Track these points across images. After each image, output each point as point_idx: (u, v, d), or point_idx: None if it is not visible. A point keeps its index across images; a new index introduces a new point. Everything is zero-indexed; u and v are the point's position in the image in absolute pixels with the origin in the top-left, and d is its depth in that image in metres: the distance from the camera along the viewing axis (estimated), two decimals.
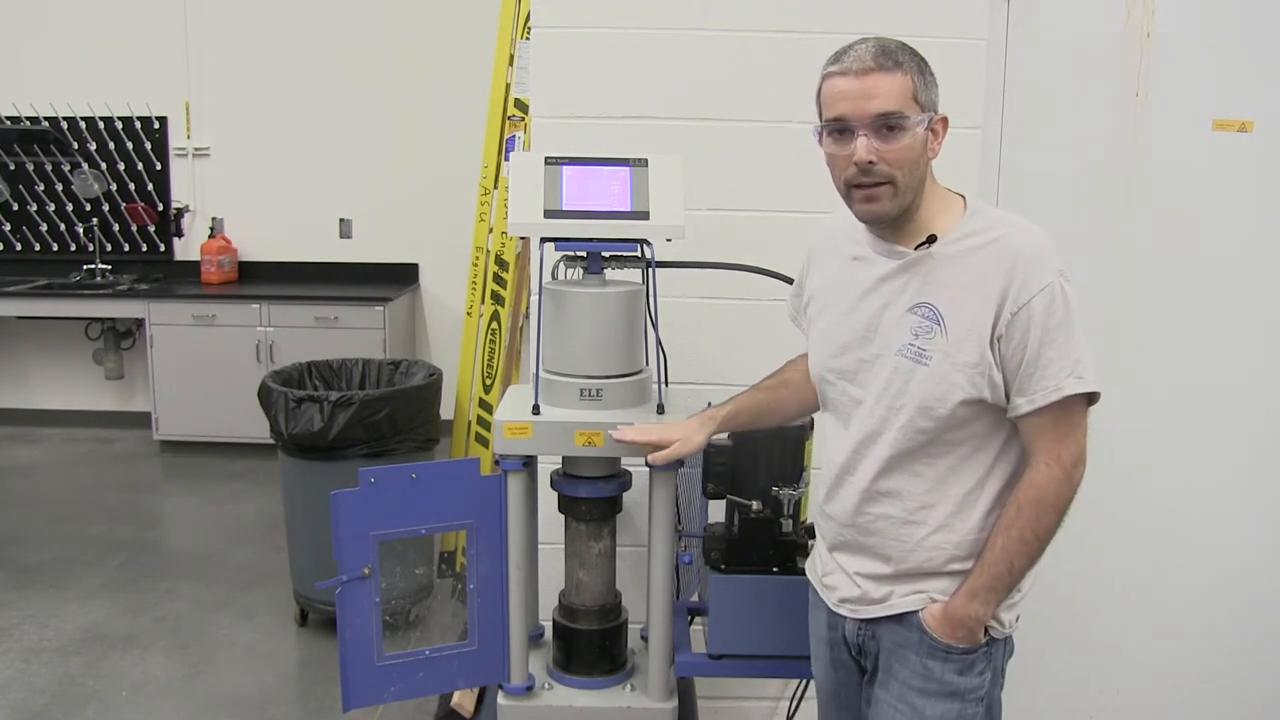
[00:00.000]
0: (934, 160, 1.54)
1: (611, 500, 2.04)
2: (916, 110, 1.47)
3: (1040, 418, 1.48)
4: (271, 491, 4.53)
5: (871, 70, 1.46)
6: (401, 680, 1.99)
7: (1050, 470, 1.48)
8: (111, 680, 3.22)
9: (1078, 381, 1.45)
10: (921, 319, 1.51)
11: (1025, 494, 1.50)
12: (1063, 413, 1.47)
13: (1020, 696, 2.51)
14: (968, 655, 1.55)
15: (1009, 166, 2.43)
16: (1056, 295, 1.45)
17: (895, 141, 1.46)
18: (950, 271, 1.51)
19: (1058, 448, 1.48)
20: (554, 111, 2.34)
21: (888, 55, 1.47)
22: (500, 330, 3.68)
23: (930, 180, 1.55)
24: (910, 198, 1.51)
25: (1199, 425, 2.53)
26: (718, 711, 2.56)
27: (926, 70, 1.51)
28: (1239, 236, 2.46)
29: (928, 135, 1.50)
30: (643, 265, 1.94)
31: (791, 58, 2.29)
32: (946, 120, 1.53)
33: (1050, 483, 1.48)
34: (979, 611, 1.52)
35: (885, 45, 1.49)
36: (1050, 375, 1.46)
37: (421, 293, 5.91)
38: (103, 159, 5.75)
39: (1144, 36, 2.39)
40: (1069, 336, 1.46)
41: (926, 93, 1.49)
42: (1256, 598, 2.60)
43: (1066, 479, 1.49)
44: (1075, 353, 1.46)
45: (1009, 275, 1.46)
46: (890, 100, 1.45)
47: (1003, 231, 1.50)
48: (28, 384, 6.07)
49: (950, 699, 1.56)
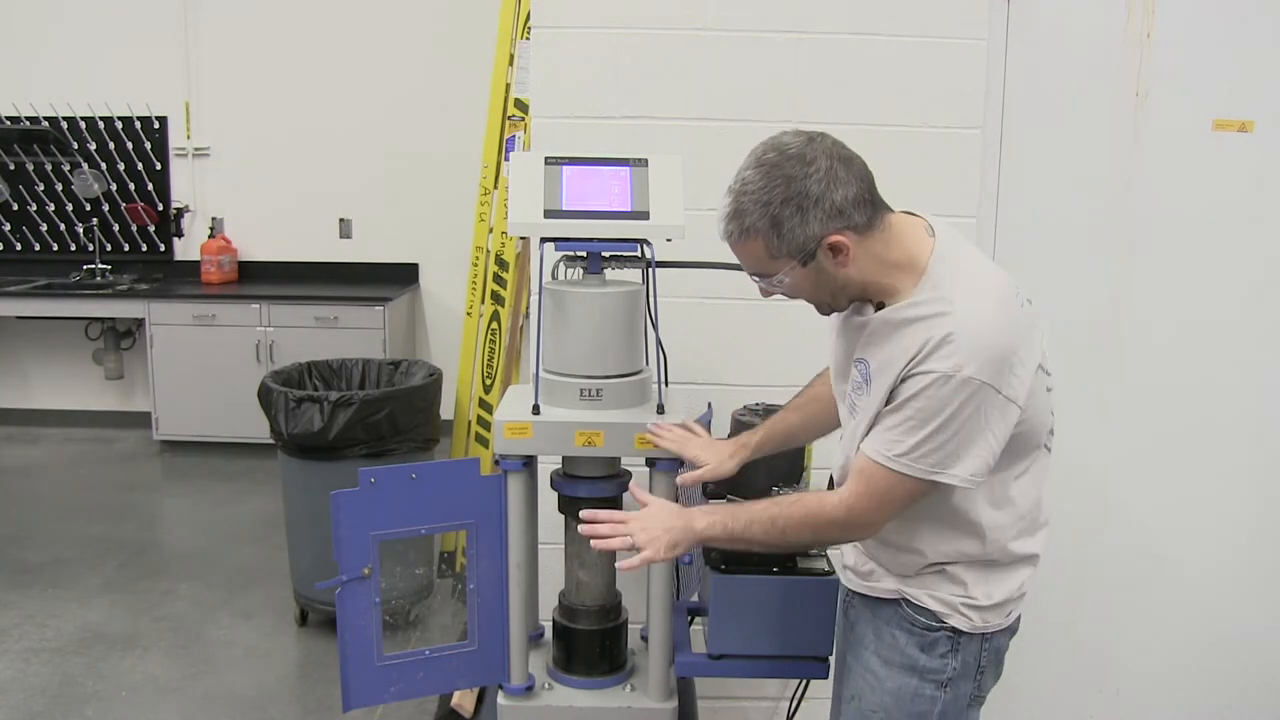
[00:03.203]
0: (851, 259, 1.46)
1: (611, 500, 2.03)
2: (781, 263, 1.47)
3: (864, 463, 1.49)
4: (271, 491, 4.53)
5: (726, 240, 1.52)
6: (401, 680, 1.99)
7: (838, 505, 1.51)
8: (111, 680, 3.22)
9: (903, 463, 1.43)
10: (858, 374, 1.57)
11: (807, 502, 1.55)
12: (882, 479, 1.46)
13: (1020, 696, 2.52)
14: (929, 633, 1.59)
15: (1009, 167, 2.43)
16: (944, 384, 1.39)
17: (777, 287, 1.53)
18: (886, 337, 1.50)
19: (858, 496, 1.49)
20: (554, 111, 2.33)
21: (737, 219, 1.47)
22: (500, 330, 3.68)
23: (875, 261, 1.48)
24: (843, 300, 1.55)
25: (1198, 424, 2.53)
26: (718, 711, 2.56)
27: (784, 219, 1.43)
28: (1239, 236, 2.46)
29: (817, 263, 1.46)
30: (643, 265, 1.94)
31: (791, 58, 2.29)
32: (839, 239, 1.44)
33: (830, 511, 1.51)
34: (697, 524, 1.56)
35: (737, 208, 1.46)
36: (878, 434, 1.47)
37: (421, 293, 5.92)
38: (103, 159, 5.75)
39: (1144, 36, 2.39)
40: (929, 426, 1.41)
41: (785, 244, 1.44)
42: (1256, 597, 2.60)
43: (842, 524, 1.51)
44: (918, 439, 1.42)
45: (918, 348, 1.42)
46: (749, 264, 1.53)
47: (941, 310, 1.43)
48: (28, 384, 6.07)
49: (909, 673, 1.61)
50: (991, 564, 1.58)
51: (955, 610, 1.58)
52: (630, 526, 1.59)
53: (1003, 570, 1.58)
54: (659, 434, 1.85)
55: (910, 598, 1.60)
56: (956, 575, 1.57)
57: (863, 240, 1.46)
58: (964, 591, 1.57)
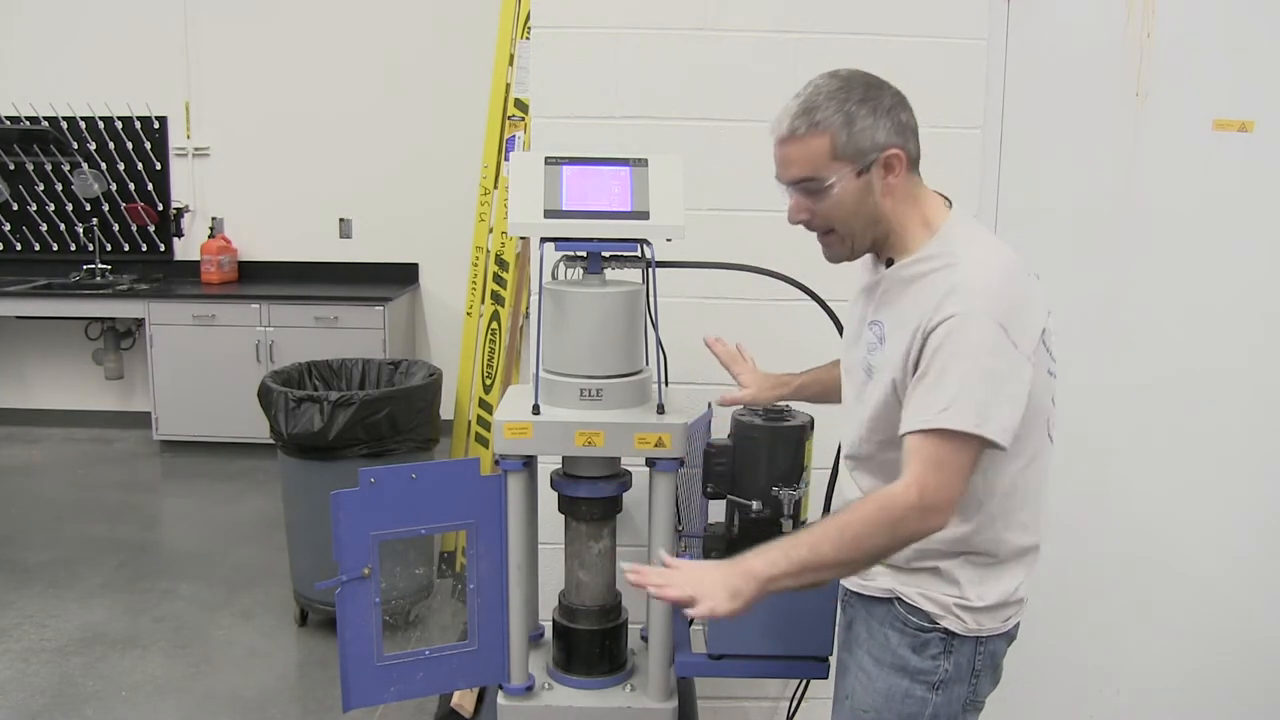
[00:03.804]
0: (897, 187, 1.51)
1: (611, 500, 2.04)
2: (838, 166, 1.49)
3: (915, 442, 1.42)
4: (271, 491, 4.53)
5: (784, 139, 1.51)
6: (401, 680, 1.99)
7: (907, 489, 1.40)
8: (111, 680, 3.22)
9: (948, 417, 1.39)
10: (873, 335, 1.58)
11: (876, 497, 1.43)
12: (937, 448, 1.40)
13: (1021, 695, 2.52)
14: (921, 634, 1.58)
15: (1009, 167, 2.43)
16: (959, 328, 1.41)
17: (820, 201, 1.52)
18: (897, 294, 1.54)
19: (923, 473, 1.41)
20: (554, 111, 2.33)
21: (806, 115, 1.48)
22: (500, 330, 3.68)
23: (908, 203, 1.53)
24: (867, 239, 1.55)
25: (1197, 424, 2.53)
26: (718, 711, 2.56)
27: (860, 115, 1.48)
28: (1239, 236, 2.46)
29: (869, 177, 1.50)
30: (643, 265, 1.94)
31: (791, 58, 2.29)
32: (896, 155, 1.49)
33: (901, 498, 1.40)
34: (756, 566, 1.38)
35: (808, 104, 1.49)
36: (915, 405, 1.44)
37: (421, 293, 5.92)
38: (103, 159, 5.75)
39: (1144, 37, 2.39)
40: (956, 371, 1.40)
41: (854, 142, 1.48)
42: (1255, 597, 2.60)
43: (918, 508, 1.39)
44: (952, 390, 1.40)
45: (932, 304, 1.45)
46: (802, 167, 1.51)
47: (949, 262, 1.48)
48: (28, 384, 6.07)
49: (900, 674, 1.60)
50: (985, 560, 1.56)
51: (949, 611, 1.57)
52: (678, 577, 1.43)
53: (997, 569, 1.57)
54: (714, 344, 1.99)
55: (904, 597, 1.60)
56: (950, 574, 1.56)
57: (908, 176, 1.53)
58: (958, 592, 1.56)
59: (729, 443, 1.96)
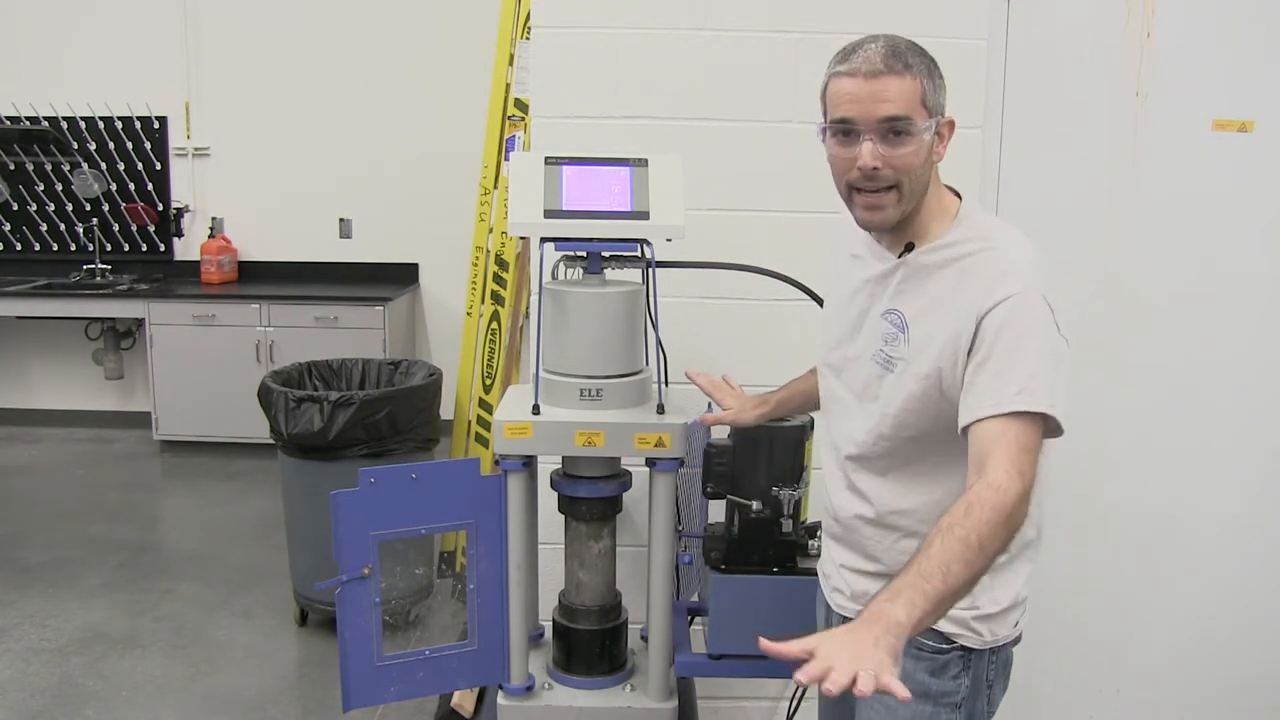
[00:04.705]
0: (940, 160, 1.50)
1: (611, 500, 2.04)
2: (924, 115, 1.43)
3: (996, 427, 1.34)
4: (271, 491, 4.53)
5: (880, 73, 1.41)
6: (401, 680, 1.99)
7: (1012, 483, 1.29)
8: (111, 680, 3.22)
9: (1025, 399, 1.33)
10: (891, 325, 1.51)
11: (981, 494, 1.29)
12: (1020, 431, 1.33)
13: (1021, 696, 2.51)
14: (939, 656, 1.53)
15: (1009, 167, 2.43)
16: (1019, 308, 1.37)
17: (901, 147, 1.42)
18: (922, 281, 1.49)
19: (1017, 459, 1.31)
20: (554, 111, 2.33)
21: (898, 57, 1.42)
22: (500, 330, 3.68)
23: (934, 183, 1.51)
24: (913, 204, 1.47)
25: (1199, 425, 2.53)
26: (718, 711, 2.56)
27: (936, 73, 1.45)
28: (1239, 236, 2.46)
29: (934, 140, 1.46)
30: (643, 265, 1.94)
31: (792, 58, 2.29)
32: (953, 123, 1.48)
33: (1014, 496, 1.28)
34: (898, 616, 1.20)
35: (895, 45, 1.43)
36: (982, 392, 1.36)
37: (421, 293, 5.91)
38: (103, 159, 5.75)
39: (1144, 36, 2.39)
40: (1025, 352, 1.36)
41: (935, 96, 1.44)
42: (1256, 597, 2.60)
43: (1026, 500, 1.30)
44: (1027, 370, 1.35)
45: (979, 288, 1.41)
46: (898, 105, 1.41)
47: (981, 245, 1.45)
48: (28, 384, 6.07)
49: (923, 700, 1.54)
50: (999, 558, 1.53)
51: (966, 627, 1.52)
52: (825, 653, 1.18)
53: (1007, 567, 1.53)
54: (696, 376, 1.98)
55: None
56: None
57: (943, 153, 1.49)
58: (971, 602, 1.50)
59: (729, 443, 1.96)
